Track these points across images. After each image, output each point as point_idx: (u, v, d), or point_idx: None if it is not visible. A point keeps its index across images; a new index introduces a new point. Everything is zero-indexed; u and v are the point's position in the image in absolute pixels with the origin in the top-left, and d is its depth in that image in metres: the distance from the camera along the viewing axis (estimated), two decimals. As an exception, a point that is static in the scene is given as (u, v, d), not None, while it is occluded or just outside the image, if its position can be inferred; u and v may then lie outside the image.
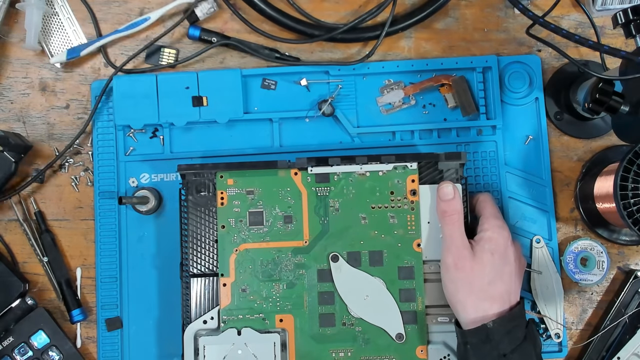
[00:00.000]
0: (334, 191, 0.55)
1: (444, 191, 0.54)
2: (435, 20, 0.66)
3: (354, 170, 0.55)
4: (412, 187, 0.56)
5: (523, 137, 0.65)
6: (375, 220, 0.55)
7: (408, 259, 0.55)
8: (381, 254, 0.55)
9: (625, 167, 0.54)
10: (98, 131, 0.64)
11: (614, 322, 0.62)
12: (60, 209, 0.65)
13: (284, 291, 0.55)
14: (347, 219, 0.55)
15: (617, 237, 0.64)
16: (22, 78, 0.66)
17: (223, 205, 0.55)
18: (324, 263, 0.55)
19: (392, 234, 0.55)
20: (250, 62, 0.66)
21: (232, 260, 0.55)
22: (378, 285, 0.55)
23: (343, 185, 0.55)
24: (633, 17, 0.52)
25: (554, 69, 0.66)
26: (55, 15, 0.66)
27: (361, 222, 0.55)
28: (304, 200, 0.55)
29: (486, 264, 0.52)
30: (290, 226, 0.55)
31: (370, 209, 0.55)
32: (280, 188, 0.55)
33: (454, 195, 0.54)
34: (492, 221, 0.54)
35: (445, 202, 0.54)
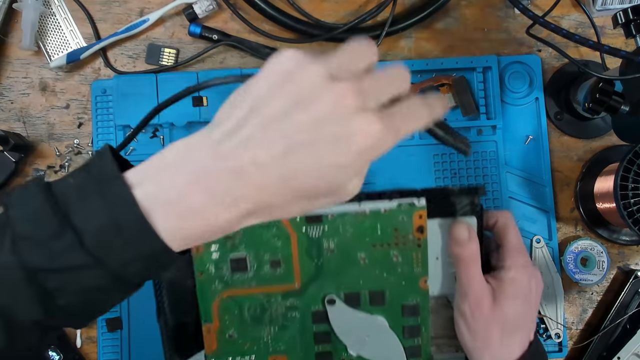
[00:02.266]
0: (327, 231, 0.46)
1: (458, 234, 0.45)
2: (435, 20, 0.66)
3: (351, 209, 0.46)
4: (420, 224, 0.47)
5: (523, 137, 0.65)
6: (377, 260, 0.47)
7: (413, 296, 0.48)
8: (383, 293, 0.48)
9: (625, 167, 0.54)
10: (98, 131, 0.64)
11: (614, 322, 0.62)
12: (60, 209, 0.65)
13: (275, 333, 0.49)
14: (344, 259, 0.47)
15: (617, 237, 0.64)
16: (22, 78, 0.66)
17: (198, 253, 0.46)
18: (319, 305, 0.48)
19: (396, 272, 0.48)
20: (250, 62, 0.66)
21: (214, 307, 0.48)
22: (379, 324, 0.49)
23: (339, 224, 0.46)
24: (633, 17, 0.52)
25: (554, 69, 0.66)
26: (52, 16, 0.66)
27: (360, 263, 0.47)
28: (293, 242, 0.47)
29: (508, 312, 0.45)
30: (278, 270, 0.47)
31: (371, 247, 0.47)
32: (264, 231, 0.46)
33: (469, 237, 0.45)
34: (516, 258, 0.46)
35: (460, 246, 0.45)
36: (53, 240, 0.31)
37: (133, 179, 0.32)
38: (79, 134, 0.65)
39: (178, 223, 0.32)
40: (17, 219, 0.32)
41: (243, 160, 0.31)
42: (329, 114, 0.31)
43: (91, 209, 0.31)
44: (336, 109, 0.31)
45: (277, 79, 0.32)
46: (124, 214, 0.31)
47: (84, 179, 0.33)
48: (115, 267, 0.32)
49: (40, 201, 0.32)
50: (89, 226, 0.31)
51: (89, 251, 0.31)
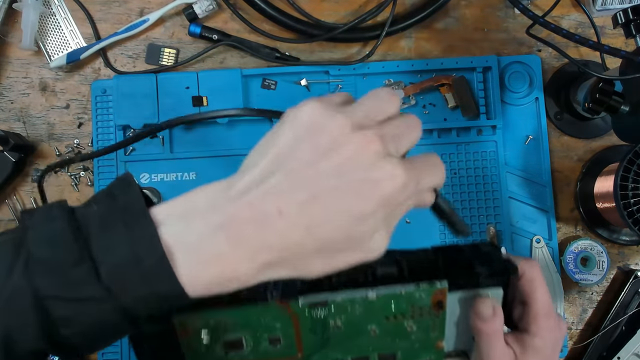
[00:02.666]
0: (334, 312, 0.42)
1: (482, 312, 0.42)
2: (435, 20, 0.66)
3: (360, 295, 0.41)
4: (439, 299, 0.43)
5: (523, 137, 0.65)
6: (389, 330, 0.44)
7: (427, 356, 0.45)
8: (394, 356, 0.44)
9: (625, 167, 0.54)
10: (98, 131, 0.64)
11: (614, 322, 0.62)
12: (60, 209, 0.65)
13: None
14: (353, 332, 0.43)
15: (617, 237, 0.64)
16: (22, 78, 0.66)
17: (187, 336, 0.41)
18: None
19: (409, 339, 0.44)
20: (250, 62, 0.66)
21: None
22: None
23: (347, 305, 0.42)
24: (633, 17, 0.52)
25: (554, 69, 0.66)
26: (52, 16, 0.66)
27: (370, 334, 0.43)
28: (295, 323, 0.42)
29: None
30: (278, 345, 0.43)
31: (383, 320, 0.43)
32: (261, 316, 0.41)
33: (494, 313, 0.41)
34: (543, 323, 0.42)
35: (483, 322, 0.42)
36: (70, 268, 0.30)
37: (158, 216, 0.32)
38: (79, 134, 0.65)
39: (198, 269, 0.31)
40: (35, 241, 0.31)
41: (268, 209, 0.31)
42: (353, 161, 0.31)
43: (113, 240, 0.31)
44: (360, 156, 0.31)
45: (302, 130, 0.32)
46: (147, 250, 0.30)
47: (109, 208, 0.32)
48: (128, 303, 0.31)
49: (61, 225, 0.31)
50: (109, 258, 0.30)
51: (104, 283, 0.30)
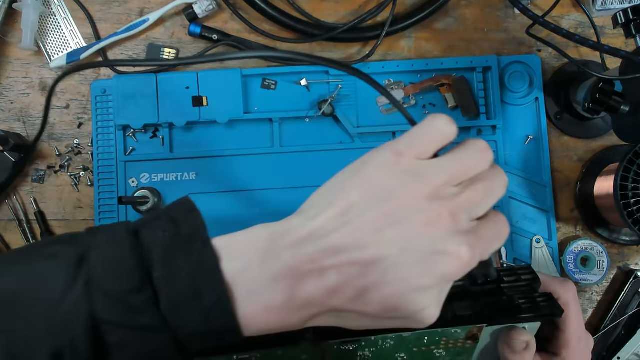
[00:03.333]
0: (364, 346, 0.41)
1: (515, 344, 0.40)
2: (435, 20, 0.66)
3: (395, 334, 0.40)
4: (474, 334, 0.41)
5: (523, 137, 0.65)
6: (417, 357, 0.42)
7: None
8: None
9: (625, 167, 0.54)
10: (98, 131, 0.64)
11: (614, 322, 0.62)
12: (60, 209, 0.65)
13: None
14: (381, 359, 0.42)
15: (617, 237, 0.64)
16: (22, 78, 0.65)
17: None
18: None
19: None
20: (250, 62, 0.66)
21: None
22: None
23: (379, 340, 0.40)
24: (633, 17, 0.52)
25: (554, 69, 0.66)
26: (52, 16, 0.66)
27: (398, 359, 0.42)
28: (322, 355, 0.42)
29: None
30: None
31: (413, 350, 0.42)
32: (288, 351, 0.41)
33: (528, 346, 0.40)
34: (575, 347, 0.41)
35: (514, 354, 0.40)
36: (130, 294, 0.30)
37: (219, 250, 0.31)
38: (79, 134, 0.65)
39: (255, 314, 0.31)
40: (98, 263, 0.30)
41: (326, 265, 0.30)
42: (420, 236, 0.30)
43: (175, 271, 0.30)
44: (428, 230, 0.30)
45: (375, 194, 0.31)
46: (208, 286, 0.30)
47: (173, 237, 0.31)
48: (183, 336, 0.30)
49: (125, 250, 0.30)
50: (169, 289, 0.30)
51: (162, 314, 0.30)
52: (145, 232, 0.32)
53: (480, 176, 0.33)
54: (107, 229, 0.32)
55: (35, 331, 0.30)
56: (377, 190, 0.31)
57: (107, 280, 0.30)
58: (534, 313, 0.39)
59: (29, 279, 0.31)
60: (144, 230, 0.32)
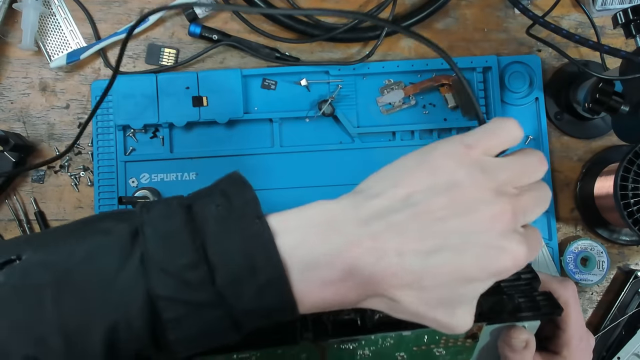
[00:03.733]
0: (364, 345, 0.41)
1: (515, 343, 0.40)
2: (435, 20, 0.66)
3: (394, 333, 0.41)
4: (474, 332, 0.41)
5: (523, 137, 0.65)
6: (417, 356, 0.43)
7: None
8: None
9: (625, 167, 0.54)
10: (98, 131, 0.64)
11: (614, 322, 0.62)
12: (60, 209, 0.65)
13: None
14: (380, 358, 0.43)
15: (617, 237, 0.64)
16: (22, 78, 0.65)
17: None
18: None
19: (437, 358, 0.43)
20: (250, 62, 0.66)
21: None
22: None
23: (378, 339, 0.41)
24: (633, 17, 0.52)
25: (554, 69, 0.66)
26: (52, 16, 0.66)
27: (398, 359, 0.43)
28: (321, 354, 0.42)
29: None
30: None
31: (413, 349, 0.42)
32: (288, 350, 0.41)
33: (527, 345, 0.40)
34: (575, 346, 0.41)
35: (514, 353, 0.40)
36: (186, 270, 0.29)
37: (274, 224, 0.31)
38: (79, 134, 0.65)
39: (311, 290, 0.30)
40: (152, 238, 0.30)
41: (388, 245, 0.30)
42: (483, 228, 0.30)
43: (230, 246, 0.30)
44: (491, 224, 0.31)
45: (442, 182, 0.31)
46: (264, 261, 0.30)
47: (227, 211, 0.31)
48: (239, 312, 0.30)
49: (179, 224, 0.30)
50: (225, 263, 0.30)
51: (218, 290, 0.29)
52: (198, 206, 0.31)
53: (533, 186, 0.34)
54: (159, 203, 0.32)
55: (90, 307, 0.29)
56: (444, 178, 0.31)
57: (162, 255, 0.30)
58: (534, 312, 0.39)
59: (83, 255, 0.30)
60: (197, 204, 0.32)
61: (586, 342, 0.42)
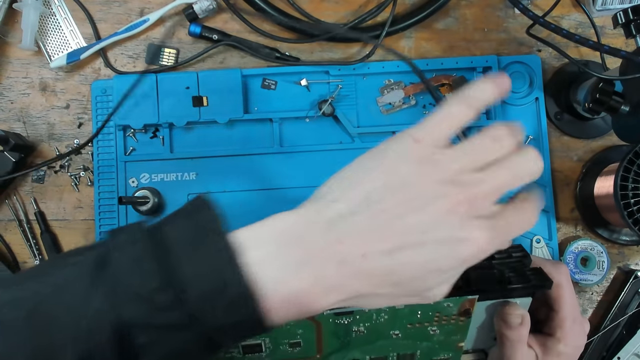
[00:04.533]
0: (359, 320, 0.42)
1: (510, 320, 0.41)
2: (435, 20, 0.66)
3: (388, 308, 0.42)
4: (466, 308, 0.42)
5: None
6: (411, 334, 0.43)
7: (445, 354, 0.45)
8: (413, 355, 0.45)
9: (625, 167, 0.54)
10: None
11: (614, 322, 0.62)
12: (60, 209, 0.65)
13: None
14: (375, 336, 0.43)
15: (617, 237, 0.63)
16: (22, 78, 0.65)
17: None
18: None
19: (431, 340, 0.44)
20: (250, 62, 0.66)
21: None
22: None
23: (373, 314, 0.42)
24: (633, 17, 0.52)
25: (554, 69, 0.66)
26: (52, 16, 0.66)
27: (392, 337, 0.43)
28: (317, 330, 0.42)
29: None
30: (297, 349, 0.43)
31: (407, 326, 0.43)
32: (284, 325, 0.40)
33: (523, 321, 0.41)
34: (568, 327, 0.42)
35: (509, 329, 0.41)
36: (154, 294, 0.29)
37: (241, 241, 0.31)
38: (79, 134, 0.65)
39: (279, 304, 0.31)
40: (120, 263, 0.30)
41: (353, 249, 0.31)
42: (441, 220, 0.31)
43: (197, 265, 0.30)
44: (447, 217, 0.31)
45: (396, 180, 0.32)
46: (229, 277, 0.30)
47: (190, 230, 0.31)
48: (210, 331, 0.30)
49: (145, 249, 0.30)
50: (193, 283, 0.30)
51: (189, 310, 0.29)
52: (165, 229, 0.32)
53: (502, 160, 0.33)
54: (126, 229, 0.32)
55: (61, 340, 0.29)
56: (398, 176, 0.32)
57: (130, 280, 0.30)
58: (523, 284, 0.40)
59: (52, 288, 0.30)
60: (163, 227, 0.32)
61: (580, 325, 0.42)
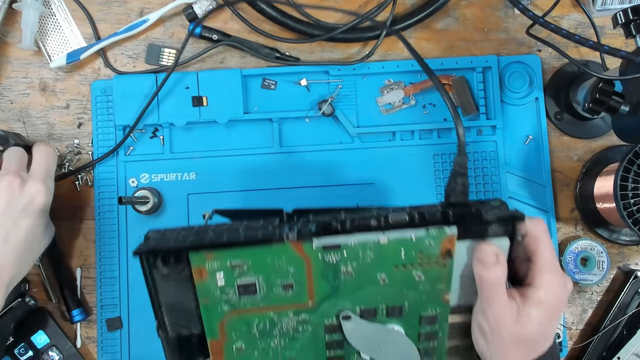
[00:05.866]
0: (346, 257, 0.43)
1: (485, 257, 0.42)
2: (435, 20, 0.66)
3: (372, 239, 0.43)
4: (448, 248, 0.43)
5: (523, 137, 0.65)
6: (397, 280, 0.44)
7: (433, 308, 0.46)
8: (401, 307, 0.46)
9: (625, 167, 0.54)
10: (98, 131, 0.64)
11: (614, 322, 0.62)
12: (60, 209, 0.65)
13: (285, 343, 0.46)
14: (363, 280, 0.45)
15: (617, 237, 0.64)
16: (22, 78, 0.65)
17: (202, 279, 0.43)
18: (332, 319, 0.45)
19: (417, 289, 0.45)
20: (250, 62, 0.66)
21: (221, 325, 0.45)
22: (395, 331, 0.46)
23: (359, 250, 0.43)
24: (633, 17, 0.52)
25: (554, 69, 0.66)
26: (52, 16, 0.66)
27: (380, 282, 0.44)
28: (307, 267, 0.44)
29: (529, 332, 0.43)
30: (290, 292, 0.44)
31: (392, 268, 0.44)
32: (276, 258, 0.43)
33: (497, 260, 0.42)
34: (546, 277, 0.43)
35: (485, 269, 0.42)
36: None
37: None
38: (79, 134, 0.65)
39: None
40: None
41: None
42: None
43: None
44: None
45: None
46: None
47: None
48: None
49: None
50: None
51: None
52: None
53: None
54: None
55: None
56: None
57: None
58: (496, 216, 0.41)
59: None
60: None
61: (560, 276, 0.43)
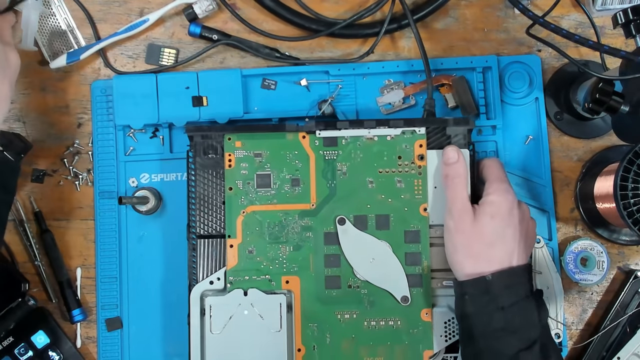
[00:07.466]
0: (341, 155, 0.56)
1: (448, 155, 0.55)
2: (435, 20, 0.66)
3: (362, 134, 0.56)
4: (420, 152, 0.56)
5: (523, 137, 0.65)
6: (382, 185, 0.56)
7: (414, 223, 0.56)
8: (387, 217, 0.56)
9: (625, 167, 0.54)
10: (98, 131, 0.64)
11: (614, 322, 0.62)
12: (60, 209, 0.65)
13: (290, 253, 0.56)
14: (354, 182, 0.56)
15: (617, 237, 0.64)
16: (22, 78, 0.65)
17: (231, 167, 0.56)
18: (331, 226, 0.56)
19: (399, 198, 0.56)
20: (250, 62, 0.66)
21: (239, 222, 0.56)
22: (384, 249, 0.56)
23: (351, 149, 0.56)
24: (633, 17, 0.52)
25: (554, 69, 0.66)
26: (52, 16, 0.66)
27: (368, 186, 0.56)
28: (311, 163, 0.56)
29: (485, 228, 0.52)
30: (297, 189, 0.56)
31: (378, 173, 0.56)
32: (288, 151, 0.56)
33: (458, 159, 0.54)
34: (496, 185, 0.54)
35: (449, 166, 0.54)
36: None
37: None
38: (79, 134, 0.65)
39: None
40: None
41: None
42: None
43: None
44: None
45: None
46: None
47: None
48: None
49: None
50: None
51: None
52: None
53: None
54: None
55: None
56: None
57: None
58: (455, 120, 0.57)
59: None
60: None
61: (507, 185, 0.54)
